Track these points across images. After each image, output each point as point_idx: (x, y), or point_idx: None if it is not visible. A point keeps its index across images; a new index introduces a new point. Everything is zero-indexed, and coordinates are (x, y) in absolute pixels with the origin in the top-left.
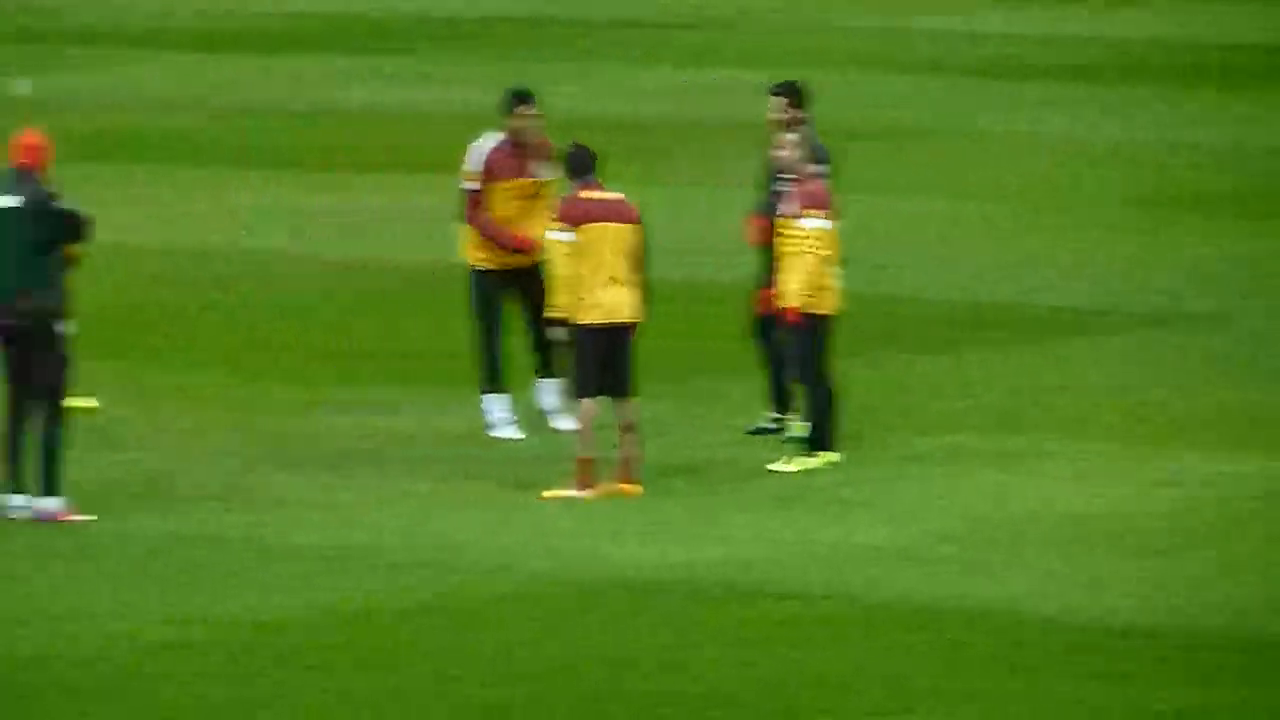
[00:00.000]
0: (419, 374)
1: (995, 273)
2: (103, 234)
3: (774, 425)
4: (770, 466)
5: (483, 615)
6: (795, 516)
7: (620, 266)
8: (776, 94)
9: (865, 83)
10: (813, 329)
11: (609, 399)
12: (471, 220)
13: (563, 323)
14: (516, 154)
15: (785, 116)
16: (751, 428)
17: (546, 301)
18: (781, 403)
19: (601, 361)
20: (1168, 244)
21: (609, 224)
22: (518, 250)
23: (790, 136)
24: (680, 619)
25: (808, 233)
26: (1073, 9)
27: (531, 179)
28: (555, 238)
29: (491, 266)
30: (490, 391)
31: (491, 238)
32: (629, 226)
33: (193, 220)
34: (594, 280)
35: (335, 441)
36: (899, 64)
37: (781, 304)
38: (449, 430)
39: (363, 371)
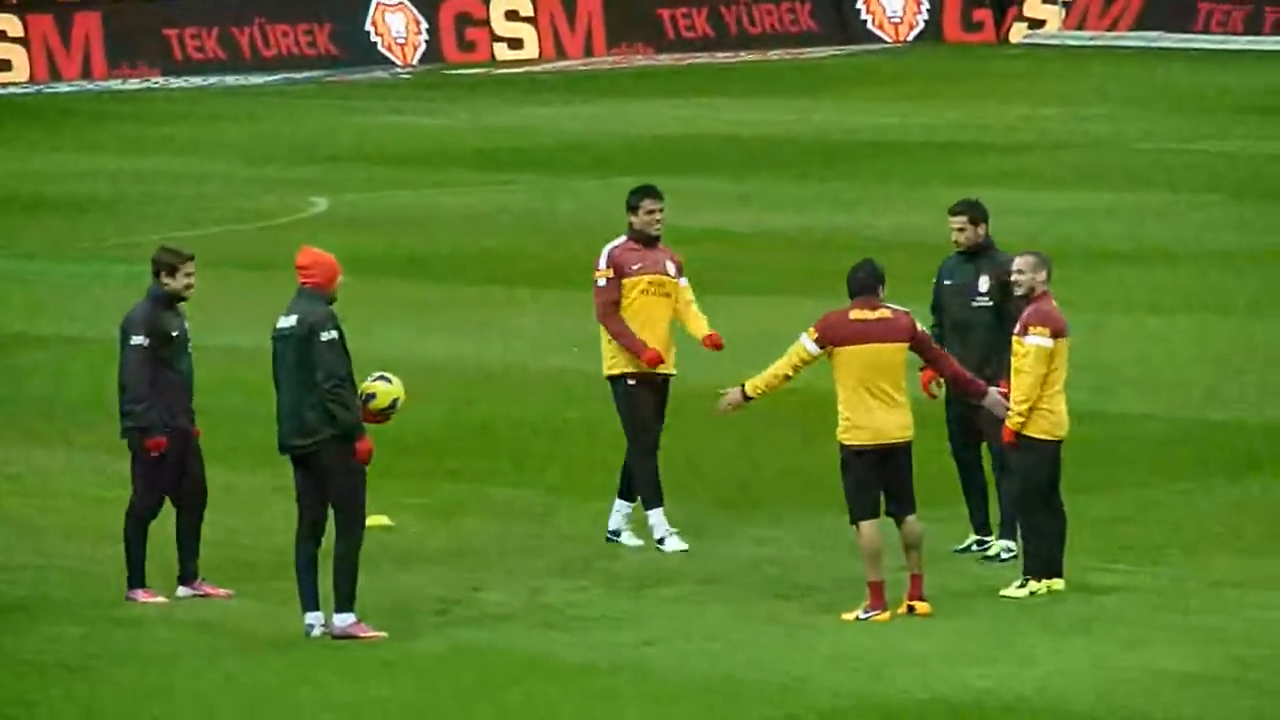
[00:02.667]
0: (730, 498)
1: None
2: (416, 353)
3: (977, 546)
4: (1004, 592)
5: None
6: (1091, 640)
7: (887, 386)
8: (957, 213)
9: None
10: (1032, 452)
11: (893, 519)
12: (602, 319)
13: (745, 397)
14: (641, 249)
15: (965, 236)
16: (957, 548)
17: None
18: (983, 523)
19: (874, 480)
20: None
21: (872, 345)
22: (647, 363)
23: (1026, 258)
24: None
25: (1027, 350)
26: None
27: (661, 274)
28: (801, 341)
29: (636, 373)
30: (654, 506)
31: (620, 341)
32: (894, 345)
33: (501, 339)
34: (856, 400)
35: (636, 560)
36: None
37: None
38: (750, 554)
39: (669, 491)
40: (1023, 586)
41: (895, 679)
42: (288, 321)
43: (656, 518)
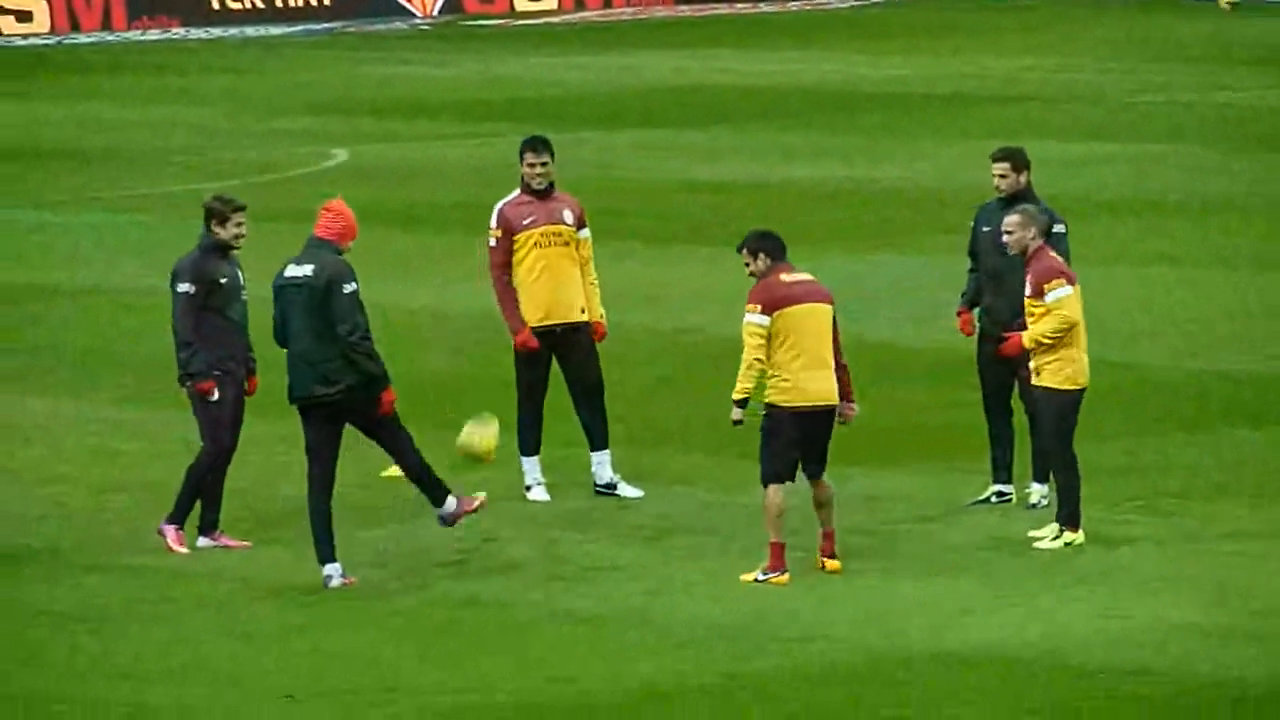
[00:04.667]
0: (737, 448)
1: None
2: (436, 304)
3: (997, 498)
4: (1037, 544)
5: (790, 688)
6: (1101, 592)
7: (821, 349)
8: (999, 160)
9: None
10: (1055, 402)
11: (809, 479)
12: (493, 279)
13: (742, 404)
14: (532, 202)
15: (1006, 183)
16: (976, 499)
17: (599, 373)
18: (1006, 471)
19: (798, 445)
20: None
21: (809, 305)
22: (517, 346)
23: (1012, 217)
24: (998, 693)
25: (1049, 307)
26: None
27: (557, 224)
28: (751, 320)
29: (533, 324)
30: (528, 455)
31: (500, 306)
32: (826, 306)
33: None
34: (795, 363)
35: (648, 512)
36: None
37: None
38: (760, 505)
39: (674, 442)
40: (1057, 538)
41: (905, 631)
42: (302, 270)
43: (529, 464)
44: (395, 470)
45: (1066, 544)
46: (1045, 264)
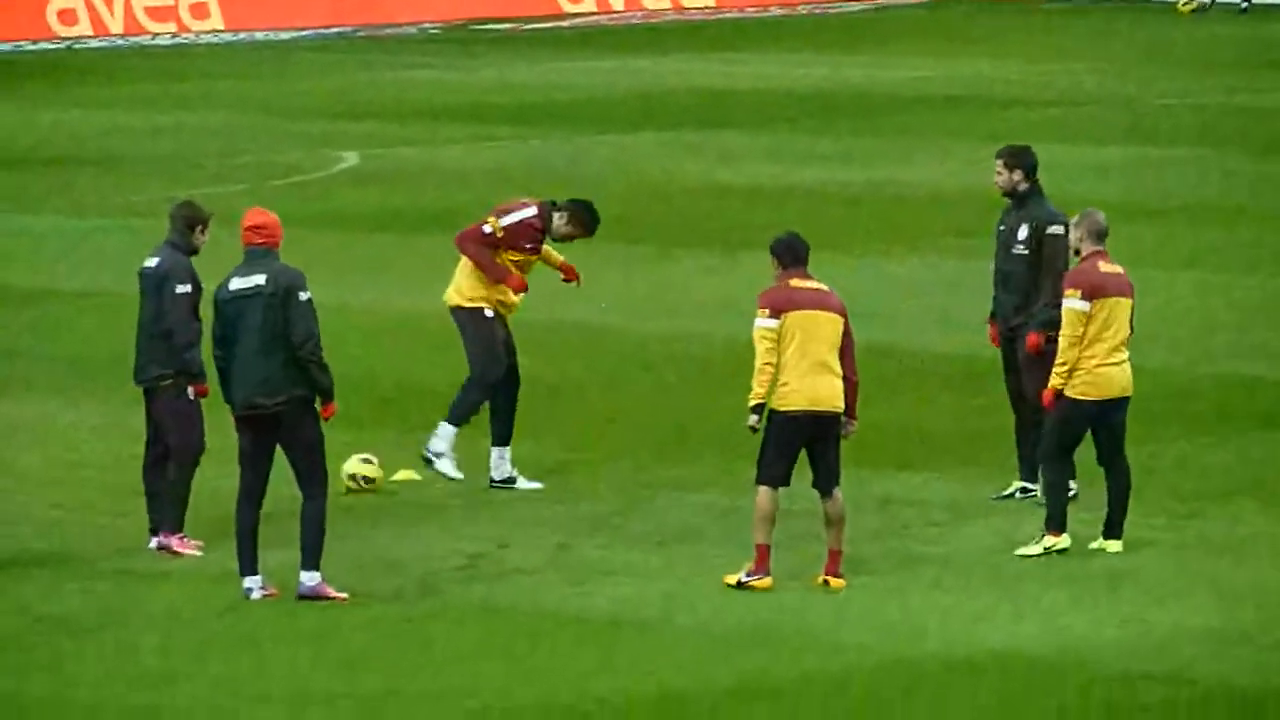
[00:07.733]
0: (750, 453)
1: None
2: (444, 308)
3: (1021, 494)
4: (1019, 551)
5: (804, 694)
6: (1119, 597)
7: (826, 355)
8: (997, 157)
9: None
10: (1062, 409)
11: (819, 494)
12: (473, 252)
13: (758, 410)
14: (539, 236)
15: (1001, 180)
16: (998, 495)
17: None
18: (1032, 470)
19: (795, 450)
20: None
21: (815, 311)
22: (515, 289)
23: (1074, 219)
24: (1015, 700)
25: (1064, 312)
26: None
27: (532, 257)
28: (760, 325)
29: (490, 309)
30: (453, 424)
31: (484, 263)
32: (834, 316)
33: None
34: (798, 367)
35: (660, 517)
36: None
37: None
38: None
39: (692, 447)
40: (1038, 542)
41: (921, 637)
42: (252, 281)
43: (445, 431)
44: (405, 474)
45: (1046, 549)
46: (1080, 268)
